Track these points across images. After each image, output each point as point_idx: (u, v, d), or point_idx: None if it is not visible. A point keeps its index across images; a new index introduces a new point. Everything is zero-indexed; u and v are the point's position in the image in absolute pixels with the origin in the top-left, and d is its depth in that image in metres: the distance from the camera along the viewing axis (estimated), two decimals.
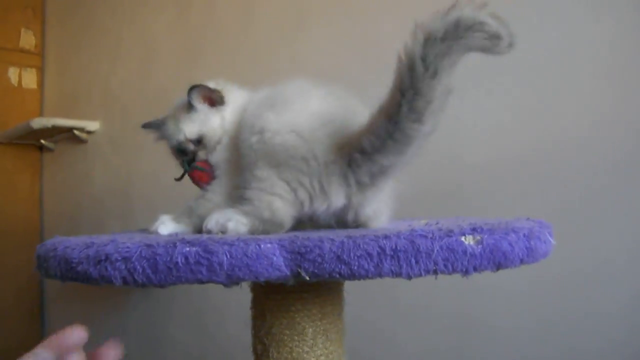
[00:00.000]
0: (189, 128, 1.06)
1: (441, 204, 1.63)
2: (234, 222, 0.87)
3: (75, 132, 2.98)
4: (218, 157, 1.05)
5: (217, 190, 1.02)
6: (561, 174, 1.44)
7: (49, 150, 3.33)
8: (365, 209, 0.93)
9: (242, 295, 1.01)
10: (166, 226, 0.96)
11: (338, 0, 1.96)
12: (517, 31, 1.47)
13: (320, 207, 0.89)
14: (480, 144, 1.59)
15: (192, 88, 1.04)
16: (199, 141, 1.06)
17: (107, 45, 3.01)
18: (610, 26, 1.39)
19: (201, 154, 1.06)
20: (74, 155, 3.18)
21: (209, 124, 1.06)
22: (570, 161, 1.43)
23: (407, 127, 0.79)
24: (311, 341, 0.89)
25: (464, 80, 1.58)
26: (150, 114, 2.66)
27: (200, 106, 1.07)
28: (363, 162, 0.85)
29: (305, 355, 0.89)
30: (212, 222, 0.88)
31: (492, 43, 0.76)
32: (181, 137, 1.06)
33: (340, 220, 0.94)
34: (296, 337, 0.89)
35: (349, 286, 1.01)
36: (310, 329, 0.89)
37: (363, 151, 0.85)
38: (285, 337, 0.89)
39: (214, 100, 1.07)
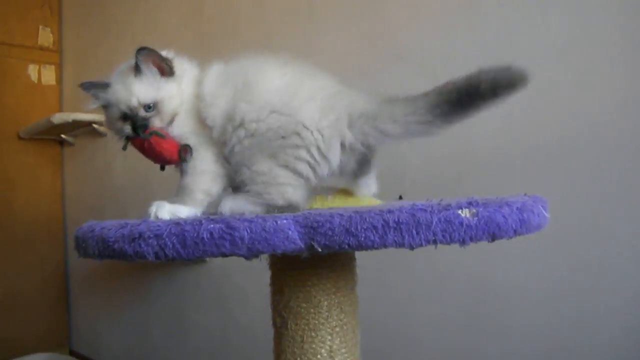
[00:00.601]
0: (143, 92, 1.01)
1: (449, 193, 1.67)
2: (248, 214, 0.87)
3: (95, 126, 3.06)
4: (181, 129, 1.01)
5: (208, 163, 1.00)
6: (571, 164, 1.47)
7: (70, 144, 3.43)
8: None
9: (262, 278, 1.07)
10: (166, 210, 0.93)
11: None
12: (528, 22, 1.51)
13: (324, 172, 0.94)
14: (490, 131, 1.62)
15: (141, 49, 1.00)
16: (152, 107, 1.01)
17: (122, 40, 3.08)
18: (621, 16, 1.41)
19: (156, 121, 1.01)
20: (94, 148, 3.27)
21: (164, 90, 1.01)
22: (581, 151, 1.46)
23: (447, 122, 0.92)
24: (326, 313, 0.96)
25: (473, 60, 1.63)
26: None
27: (150, 71, 1.02)
28: (371, 130, 0.93)
29: (321, 327, 0.96)
30: (226, 209, 0.92)
31: None
32: (133, 102, 1.00)
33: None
34: (312, 310, 0.96)
35: (366, 260, 1.08)
36: (326, 302, 0.96)
37: (387, 119, 0.94)
38: (302, 310, 0.96)
39: (164, 69, 1.03)
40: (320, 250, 0.70)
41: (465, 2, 1.68)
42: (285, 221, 0.69)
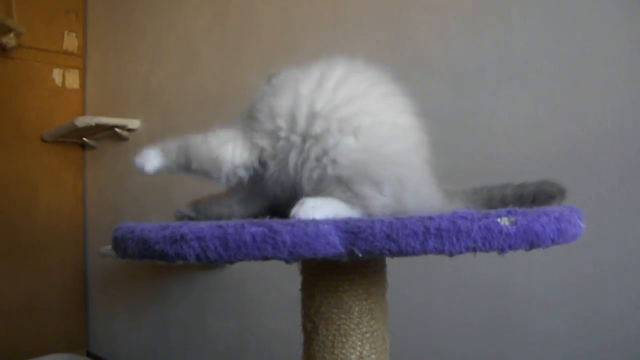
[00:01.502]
0: None
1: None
2: None
3: (117, 130, 3.11)
4: None
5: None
6: (596, 168, 1.48)
7: (92, 147, 3.47)
8: None
9: (280, 287, 1.09)
10: (151, 162, 0.96)
11: (373, 2, 2.02)
12: (551, 28, 1.52)
13: None
14: (515, 138, 1.62)
15: None
16: None
17: (146, 46, 3.12)
18: (626, 22, 1.42)
19: None
20: (115, 152, 3.31)
21: None
22: (606, 155, 1.46)
23: None
24: (357, 319, 0.97)
25: (498, 76, 1.65)
26: (189, 113, 2.77)
27: None
28: None
29: (351, 332, 0.97)
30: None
31: None
32: None
33: None
34: (343, 316, 0.97)
35: (390, 269, 1.08)
36: (357, 308, 0.97)
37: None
38: (333, 316, 0.97)
39: None
40: (360, 255, 0.70)
41: (490, 10, 1.69)
42: (326, 226, 0.70)
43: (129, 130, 3.14)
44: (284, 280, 1.02)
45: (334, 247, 0.70)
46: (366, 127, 0.91)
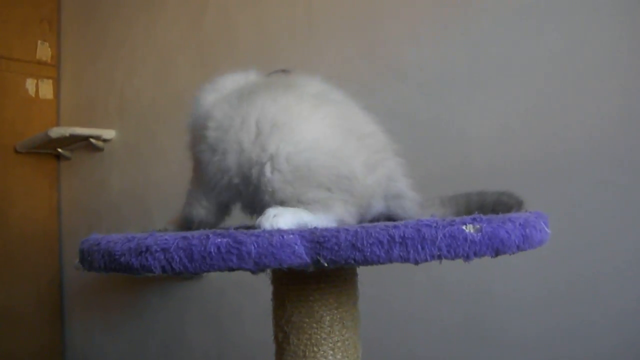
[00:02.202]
0: None
1: (449, 193, 1.69)
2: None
3: (92, 140, 3.07)
4: None
5: None
6: (567, 176, 1.50)
7: (66, 158, 3.42)
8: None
9: (259, 296, 1.08)
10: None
11: (346, 7, 2.03)
12: (522, 35, 1.55)
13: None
14: (488, 146, 1.65)
15: None
16: None
17: (121, 55, 3.10)
18: (613, 28, 1.45)
19: None
20: (90, 163, 3.27)
21: None
22: (577, 163, 1.49)
23: None
24: (328, 328, 0.97)
25: (470, 82, 1.67)
26: (166, 122, 2.75)
27: None
28: (400, 210, 1.05)
29: (322, 342, 0.96)
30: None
31: None
32: None
33: None
34: (314, 325, 0.96)
35: (365, 275, 1.08)
36: (328, 317, 0.97)
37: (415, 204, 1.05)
38: (305, 325, 0.97)
39: None
40: (326, 265, 0.70)
41: (462, 18, 1.70)
42: (291, 236, 0.70)
43: (104, 140, 3.11)
44: (263, 290, 1.01)
45: (300, 257, 0.70)
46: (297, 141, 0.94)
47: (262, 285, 1.05)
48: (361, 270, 1.04)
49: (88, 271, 0.83)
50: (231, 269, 0.70)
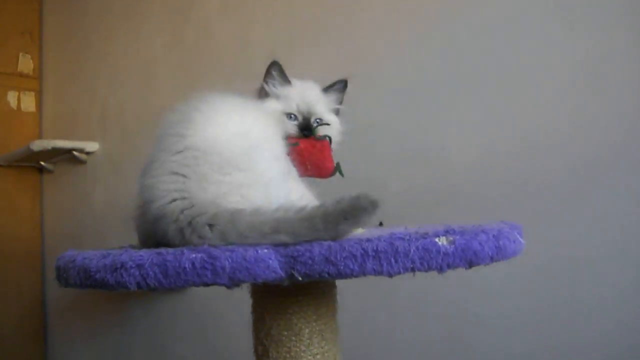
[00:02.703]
0: (326, 107, 1.21)
1: (430, 203, 1.70)
2: None
3: (75, 153, 3.05)
4: None
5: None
6: (546, 187, 1.51)
7: (49, 171, 3.40)
8: None
9: (243, 307, 1.08)
10: None
11: (327, 18, 2.04)
12: (502, 47, 1.57)
13: None
14: (468, 147, 1.67)
15: (345, 81, 1.24)
16: (320, 123, 1.17)
17: (104, 67, 3.09)
18: (585, 34, 1.47)
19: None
20: (73, 176, 3.25)
21: (335, 118, 1.24)
22: (556, 174, 1.50)
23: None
24: (307, 341, 0.97)
25: (450, 92, 1.69)
26: (149, 135, 2.72)
27: (336, 97, 1.25)
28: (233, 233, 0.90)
29: (302, 354, 0.97)
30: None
31: None
32: (318, 108, 1.18)
33: None
34: (293, 338, 0.97)
35: (348, 289, 1.09)
36: (307, 330, 0.97)
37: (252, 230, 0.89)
38: (284, 338, 0.97)
39: (341, 103, 1.28)
40: (300, 279, 0.71)
41: (441, 30, 1.73)
42: (266, 250, 0.70)
43: (87, 153, 3.10)
44: (248, 301, 1.02)
45: (274, 271, 0.70)
46: None
47: (247, 297, 1.05)
48: (342, 283, 1.04)
49: (65, 287, 0.82)
50: (206, 284, 0.70)
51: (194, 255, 0.69)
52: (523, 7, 1.57)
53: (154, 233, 0.91)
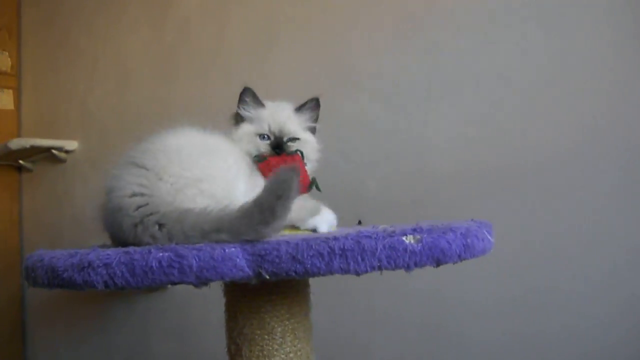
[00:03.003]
0: (297, 126, 1.24)
1: (406, 211, 1.71)
2: None
3: (54, 151, 3.01)
4: None
5: None
6: (522, 183, 1.54)
7: (28, 170, 3.36)
8: None
9: (222, 308, 1.08)
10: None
11: (306, 19, 2.04)
12: (479, 47, 1.58)
13: None
14: (445, 154, 1.68)
15: (317, 100, 1.26)
16: (294, 141, 1.21)
17: (83, 65, 3.05)
18: (565, 40, 1.50)
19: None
20: (52, 174, 3.21)
21: (309, 136, 1.28)
22: (531, 170, 1.53)
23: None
24: (280, 339, 0.97)
25: (428, 92, 1.70)
26: (128, 133, 2.72)
27: (309, 115, 1.27)
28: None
29: (275, 353, 0.97)
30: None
31: None
32: (288, 126, 1.22)
33: None
34: (266, 336, 0.97)
35: (322, 286, 1.09)
36: (279, 328, 0.97)
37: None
38: (256, 337, 0.97)
39: (316, 120, 1.30)
40: (268, 277, 0.71)
41: (420, 30, 1.74)
42: (233, 249, 0.70)
43: (67, 151, 3.06)
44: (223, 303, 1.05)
45: (241, 270, 0.70)
46: None
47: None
48: (316, 281, 1.05)
49: (34, 287, 0.82)
50: (173, 283, 0.70)
51: (161, 254, 0.69)
52: (501, 7, 1.59)
53: (111, 223, 0.97)
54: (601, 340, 1.42)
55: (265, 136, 1.20)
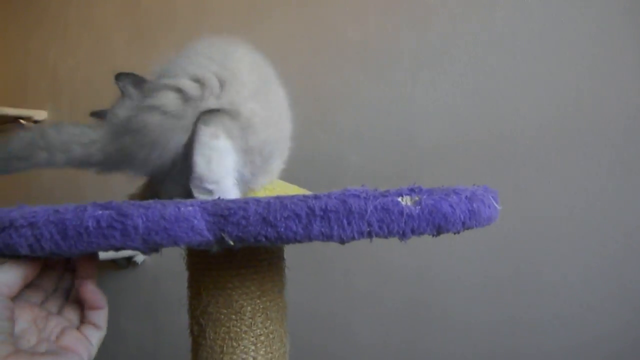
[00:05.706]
0: None
1: (390, 187, 1.61)
2: None
3: (22, 121, 2.88)
4: None
5: None
6: (513, 157, 1.45)
7: None
8: None
9: None
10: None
11: None
12: (469, 13, 1.50)
13: None
14: (434, 126, 1.58)
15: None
16: None
17: (54, 30, 2.91)
18: (562, 10, 1.40)
19: None
20: None
21: None
22: (522, 145, 1.44)
23: None
24: (250, 320, 0.84)
25: (417, 62, 1.60)
26: (101, 102, 2.57)
27: None
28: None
29: (243, 335, 0.84)
30: None
31: None
32: None
33: None
34: (234, 317, 0.84)
35: (298, 260, 0.98)
36: (249, 307, 0.84)
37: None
38: (222, 317, 0.84)
39: None
40: (232, 243, 0.57)
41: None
42: (190, 208, 0.57)
43: (36, 122, 2.92)
44: None
45: (199, 233, 0.57)
46: None
47: None
48: (291, 253, 0.93)
49: None
50: (115, 248, 0.56)
51: (99, 212, 0.56)
52: None
53: None
54: (591, 323, 1.36)
55: None
